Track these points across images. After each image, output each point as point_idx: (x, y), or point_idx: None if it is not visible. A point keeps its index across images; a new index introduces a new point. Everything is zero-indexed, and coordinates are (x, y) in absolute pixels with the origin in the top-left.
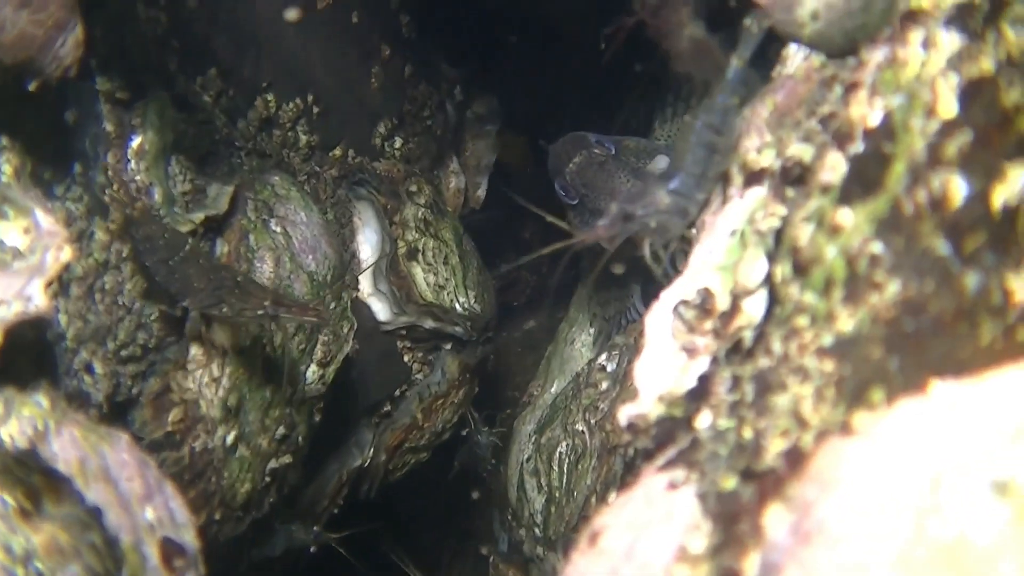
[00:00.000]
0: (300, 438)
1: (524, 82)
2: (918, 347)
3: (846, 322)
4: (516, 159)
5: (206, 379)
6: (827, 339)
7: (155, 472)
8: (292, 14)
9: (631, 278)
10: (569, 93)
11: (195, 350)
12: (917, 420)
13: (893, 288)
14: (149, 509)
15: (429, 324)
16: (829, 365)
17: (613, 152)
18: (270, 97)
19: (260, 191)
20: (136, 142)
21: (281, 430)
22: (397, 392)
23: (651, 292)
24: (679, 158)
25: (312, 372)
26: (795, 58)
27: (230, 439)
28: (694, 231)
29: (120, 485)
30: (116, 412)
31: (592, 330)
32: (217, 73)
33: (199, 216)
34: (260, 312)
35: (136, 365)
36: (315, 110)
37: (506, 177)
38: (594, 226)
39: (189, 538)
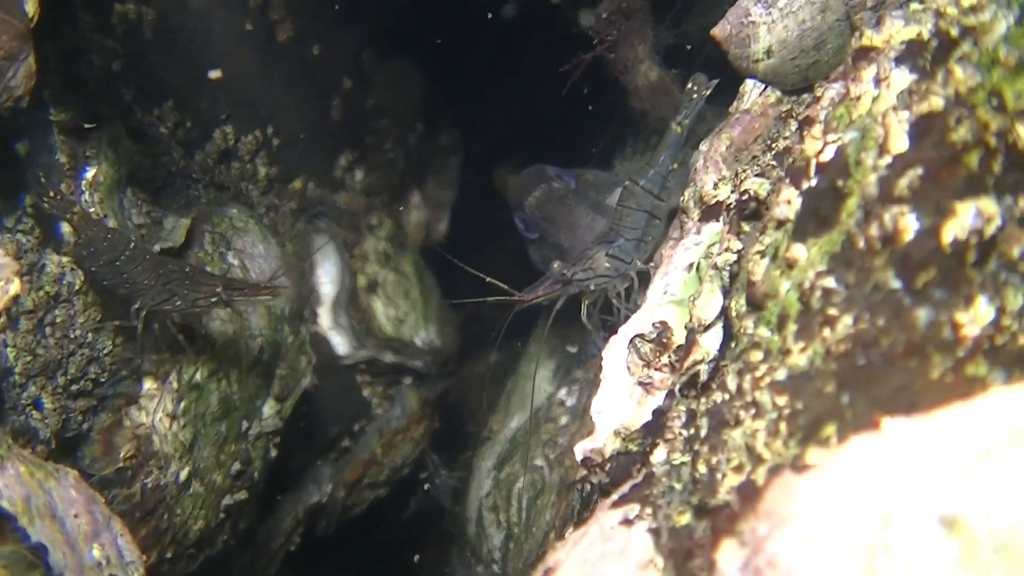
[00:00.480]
0: (256, 474)
1: (487, 115)
2: (870, 381)
3: (799, 356)
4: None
5: (160, 414)
6: (781, 373)
7: (103, 509)
8: (214, 74)
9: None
10: (532, 126)
11: (149, 384)
12: (868, 456)
13: (846, 322)
14: (96, 547)
15: (389, 358)
16: (782, 399)
17: (573, 186)
18: (229, 129)
19: (218, 223)
20: (90, 173)
21: (236, 466)
22: (356, 427)
23: (612, 327)
24: (618, 222)
25: (269, 407)
26: (752, 93)
27: (184, 475)
28: (652, 265)
29: (66, 523)
30: (65, 448)
31: (552, 365)
32: (174, 105)
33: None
34: (214, 299)
35: (87, 400)
36: (275, 142)
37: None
38: (534, 288)
39: None
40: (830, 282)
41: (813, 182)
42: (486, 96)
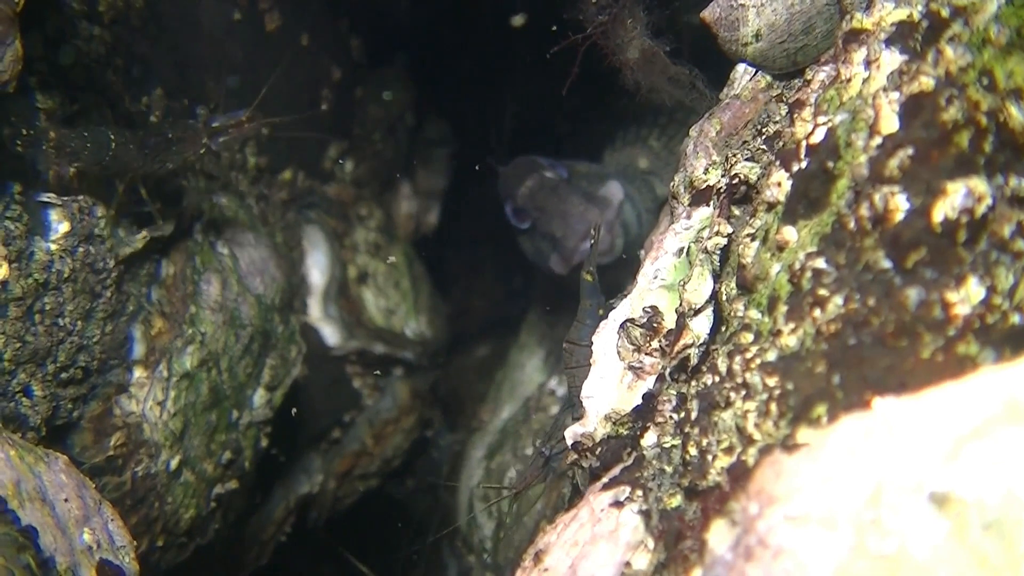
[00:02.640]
0: (246, 463)
1: (477, 107)
2: (860, 361)
3: (790, 338)
4: None
5: (150, 403)
6: (771, 355)
7: (93, 494)
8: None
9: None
10: (523, 118)
11: (139, 372)
12: (859, 436)
13: (836, 303)
14: (86, 531)
15: (379, 349)
16: (773, 380)
17: (565, 176)
18: None
19: (207, 213)
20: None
21: (227, 455)
22: (347, 418)
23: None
24: (574, 384)
25: (259, 396)
26: (742, 79)
27: (174, 464)
28: (642, 252)
29: (56, 507)
30: (55, 436)
31: (543, 354)
32: (163, 93)
33: (143, 237)
34: (203, 151)
35: (77, 388)
36: (264, 132)
37: None
38: (523, 479)
39: (128, 561)
40: (820, 263)
41: (803, 164)
42: (476, 87)
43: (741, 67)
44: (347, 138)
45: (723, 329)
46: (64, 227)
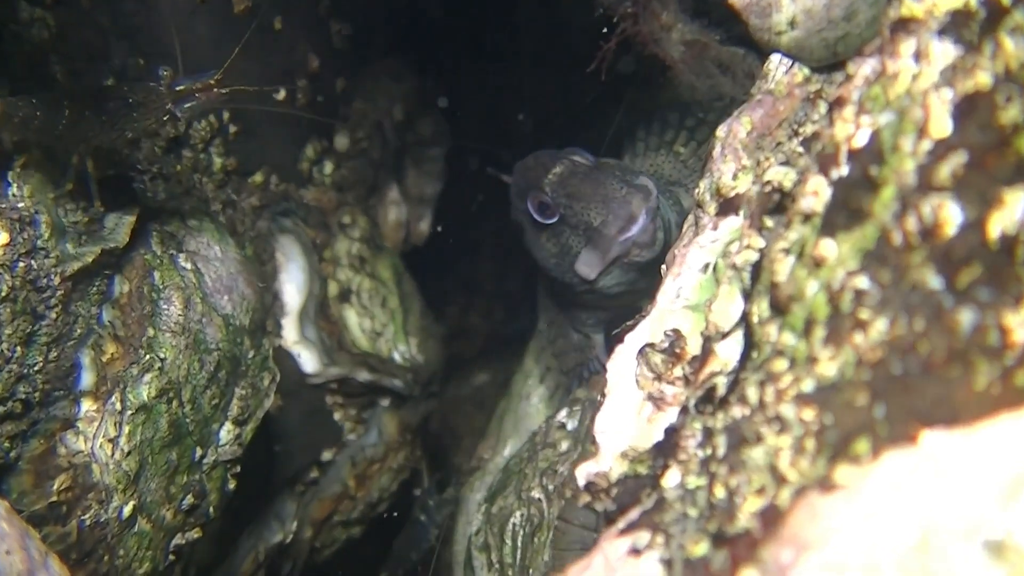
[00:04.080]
0: (211, 509)
1: (477, 100)
2: (906, 392)
3: (828, 365)
4: None
5: (100, 440)
6: (807, 385)
7: (39, 545)
8: None
9: (593, 326)
10: (530, 113)
11: (88, 405)
12: (905, 474)
13: (879, 327)
14: None
15: (364, 376)
16: (809, 414)
17: (594, 163)
18: None
19: (167, 222)
20: (19, 162)
21: (189, 499)
22: (326, 455)
23: (615, 341)
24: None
25: (226, 431)
26: (776, 71)
27: (127, 510)
28: (663, 266)
29: None
30: None
31: (551, 383)
32: (116, 85)
33: (94, 250)
34: (166, 117)
35: (15, 424)
36: (232, 129)
37: None
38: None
39: None
40: (862, 282)
41: (844, 170)
42: (475, 79)
43: (775, 58)
44: (327, 136)
45: (754, 355)
46: (2, 238)
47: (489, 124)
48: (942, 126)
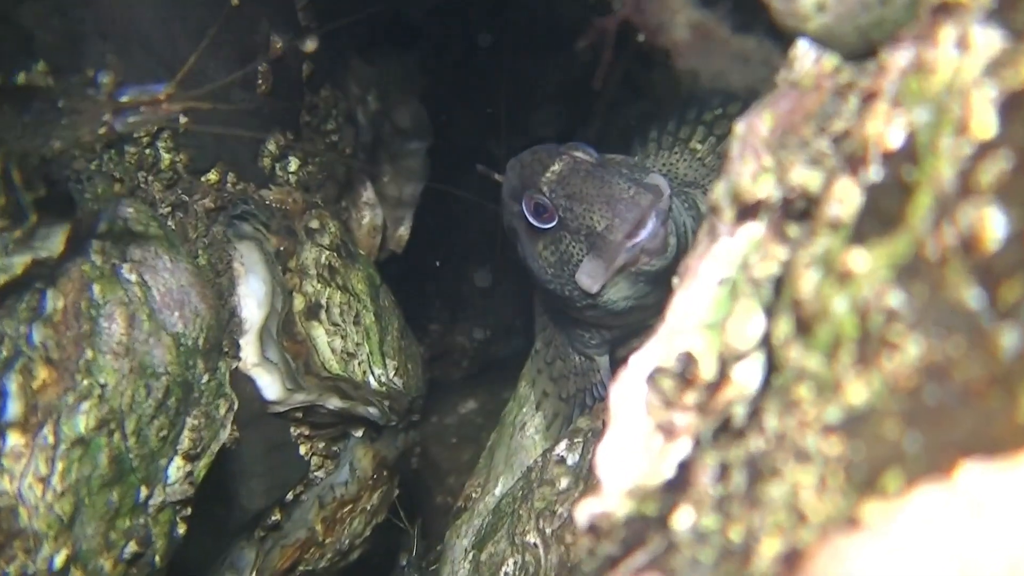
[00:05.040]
0: (157, 558)
1: (465, 89)
2: (942, 422)
3: (856, 392)
4: None
5: (29, 478)
6: (832, 413)
7: None
8: None
9: (596, 346)
10: (523, 102)
11: (14, 438)
12: (940, 512)
13: (913, 350)
14: None
15: (334, 404)
16: (835, 446)
17: (599, 159)
18: None
19: (108, 228)
20: None
21: (131, 547)
22: (290, 495)
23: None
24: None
25: (176, 468)
26: (804, 60)
27: (59, 560)
28: (675, 279)
29: None
30: None
31: (547, 412)
32: (47, 68)
33: (23, 260)
34: (102, 131)
35: None
36: (182, 121)
37: None
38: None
39: None
40: (894, 299)
41: (875, 173)
42: (464, 64)
43: (802, 44)
44: (291, 128)
45: (775, 380)
46: None
47: (478, 114)
48: (985, 125)
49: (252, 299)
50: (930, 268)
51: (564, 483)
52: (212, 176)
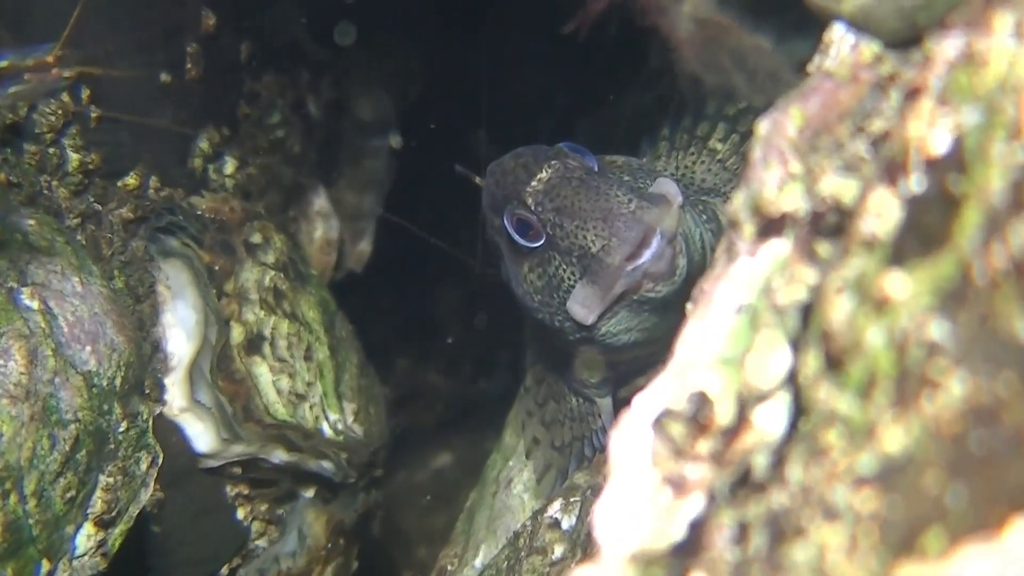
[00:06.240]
0: None
1: (439, 75)
2: (990, 473)
3: (893, 438)
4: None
5: None
6: (866, 463)
7: None
8: None
9: (597, 386)
10: (513, 95)
11: None
12: (986, 571)
13: (958, 389)
14: None
15: (279, 457)
16: (868, 501)
17: (596, 168)
18: None
19: (3, 244)
20: None
21: None
22: (225, 569)
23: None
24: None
25: (86, 537)
26: (840, 46)
27: None
28: (689, 304)
29: None
30: None
31: (538, 464)
32: None
33: None
34: None
35: None
36: (93, 113)
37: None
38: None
39: None
40: (937, 330)
41: (916, 183)
42: (438, 46)
43: (838, 29)
44: (228, 122)
45: (801, 424)
46: None
47: (455, 105)
48: None
49: (180, 330)
50: (978, 294)
51: (558, 551)
52: (131, 180)
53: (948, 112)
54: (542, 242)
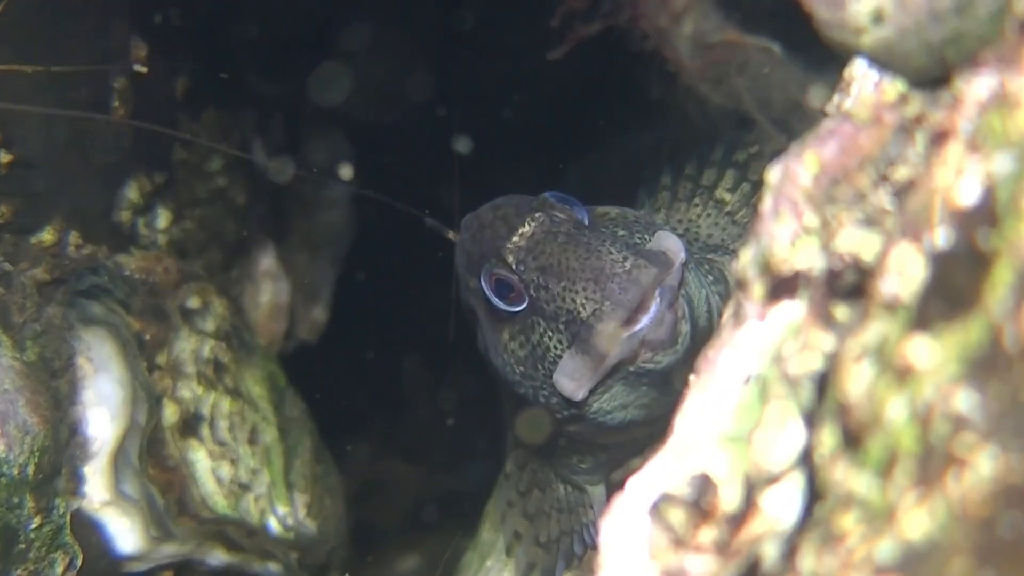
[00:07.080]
0: None
1: (399, 106)
2: (1021, 560)
3: (915, 523)
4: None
5: None
6: (886, 551)
7: None
8: None
9: (588, 472)
10: (490, 129)
11: None
12: None
13: (987, 467)
14: None
15: (218, 558)
16: None
17: (585, 221)
18: None
19: None
20: None
21: None
22: None
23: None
24: None
25: None
26: (862, 83)
27: None
28: (692, 375)
29: None
30: None
31: (521, 563)
32: None
33: None
34: None
35: None
36: (3, 158)
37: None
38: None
39: None
40: (964, 402)
41: (943, 238)
42: (411, 77)
43: (860, 64)
44: (161, 167)
45: (816, 508)
46: None
47: (427, 145)
48: None
49: (103, 409)
50: (1010, 363)
51: None
52: (46, 236)
53: (978, 159)
54: (524, 306)
